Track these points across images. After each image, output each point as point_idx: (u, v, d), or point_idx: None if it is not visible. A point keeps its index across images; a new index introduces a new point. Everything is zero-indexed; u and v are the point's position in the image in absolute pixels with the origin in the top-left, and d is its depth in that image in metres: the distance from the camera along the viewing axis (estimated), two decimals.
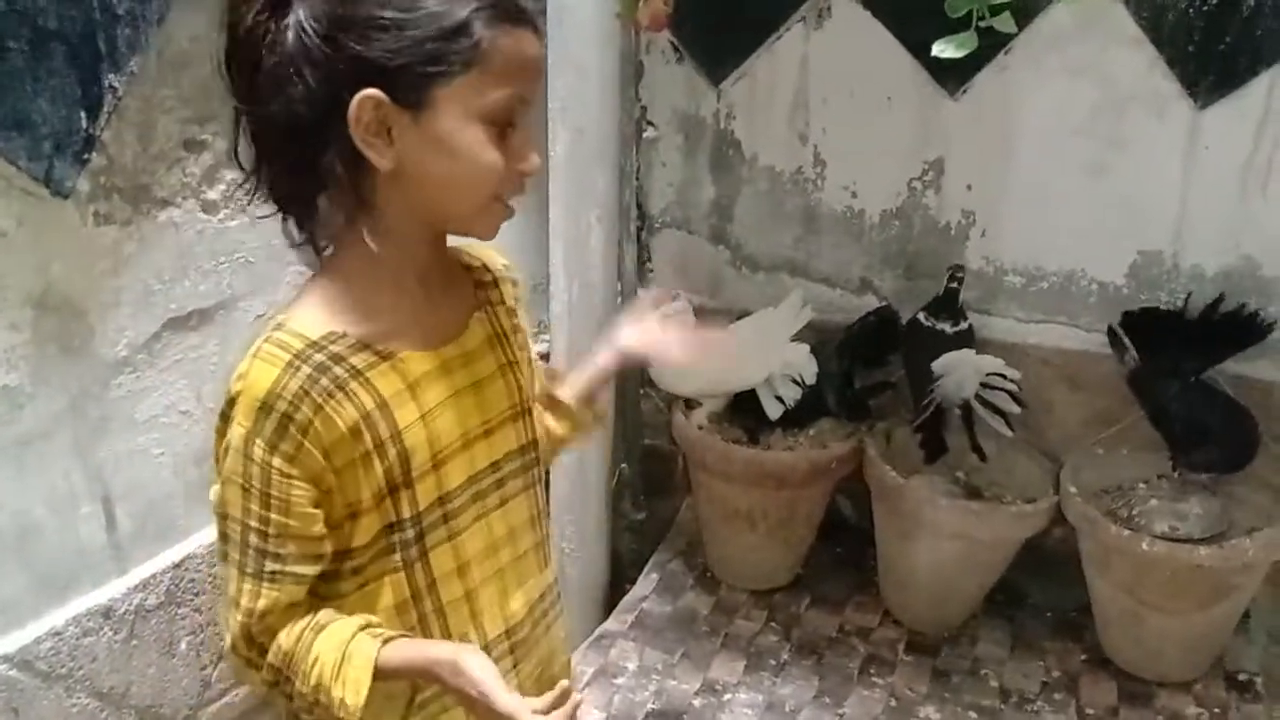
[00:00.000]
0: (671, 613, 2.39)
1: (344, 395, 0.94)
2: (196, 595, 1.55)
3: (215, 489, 0.96)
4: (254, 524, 0.93)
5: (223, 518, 0.95)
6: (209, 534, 1.56)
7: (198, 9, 1.38)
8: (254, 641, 0.97)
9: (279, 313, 0.97)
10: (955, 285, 2.23)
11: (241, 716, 1.66)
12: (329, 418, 0.92)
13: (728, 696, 2.13)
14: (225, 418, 0.94)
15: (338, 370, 0.94)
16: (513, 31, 0.90)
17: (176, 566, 1.51)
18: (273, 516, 0.93)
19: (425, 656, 0.94)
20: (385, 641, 0.94)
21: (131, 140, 1.33)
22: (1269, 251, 2.10)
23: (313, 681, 0.94)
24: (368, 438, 0.95)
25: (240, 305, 1.54)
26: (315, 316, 0.96)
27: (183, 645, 1.54)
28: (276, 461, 0.92)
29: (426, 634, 1.03)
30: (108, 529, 1.42)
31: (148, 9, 1.31)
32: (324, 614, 0.98)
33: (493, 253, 1.13)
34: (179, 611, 1.53)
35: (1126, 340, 2.16)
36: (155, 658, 1.50)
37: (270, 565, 0.94)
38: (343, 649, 0.94)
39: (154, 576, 1.48)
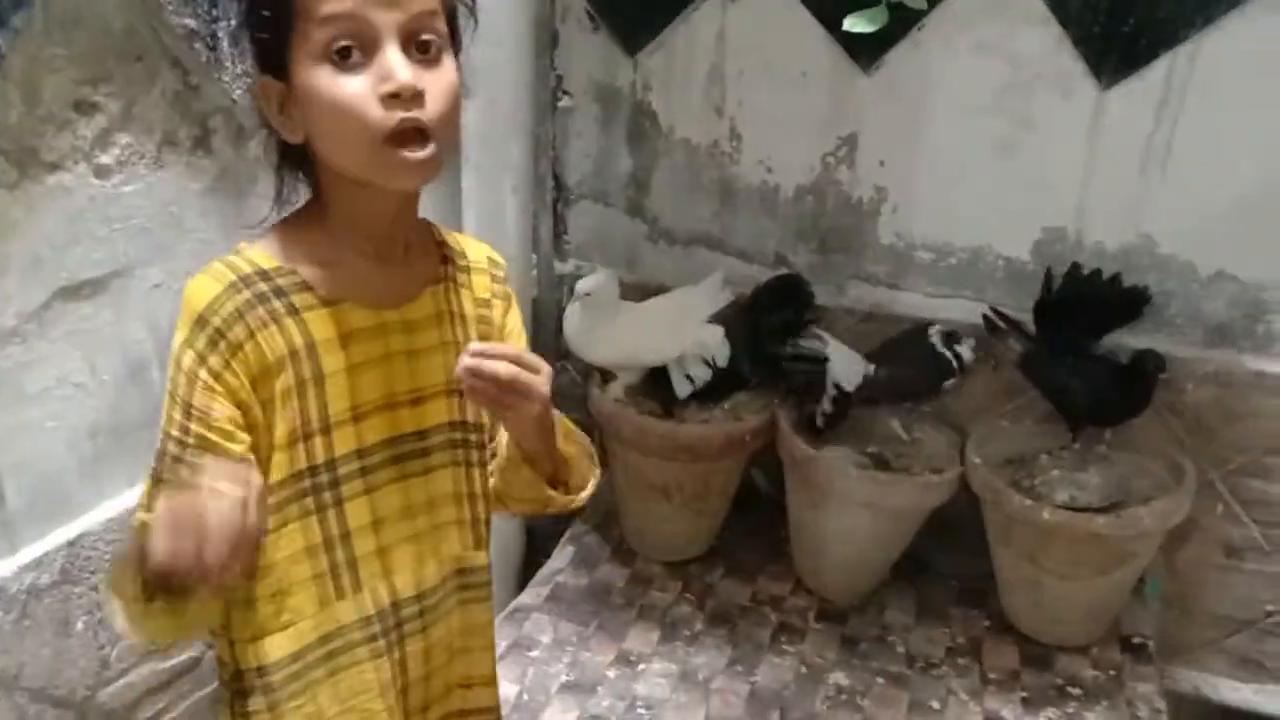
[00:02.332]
0: (587, 585, 2.40)
1: (277, 328, 0.98)
2: (93, 573, 1.50)
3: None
4: (175, 433, 0.97)
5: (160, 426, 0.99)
6: (105, 510, 1.52)
7: None
8: None
9: (244, 240, 1.03)
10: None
11: (143, 696, 1.62)
12: (259, 346, 0.97)
13: (642, 667, 2.14)
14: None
15: (277, 304, 0.98)
16: None
17: (71, 544, 1.46)
18: (193, 427, 0.96)
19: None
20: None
21: (16, 100, 1.27)
22: (1166, 230, 2.16)
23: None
24: (291, 373, 0.98)
25: (136, 273, 1.49)
26: (273, 249, 1.00)
27: (79, 625, 1.49)
28: (203, 374, 0.95)
29: (337, 582, 1.05)
30: None
31: None
32: None
33: (479, 245, 1.16)
34: (75, 590, 1.48)
35: (1004, 325, 2.23)
36: (49, 638, 1.45)
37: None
38: None
39: (47, 555, 1.43)
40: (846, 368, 2.24)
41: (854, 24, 1.56)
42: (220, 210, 1.59)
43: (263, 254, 1.00)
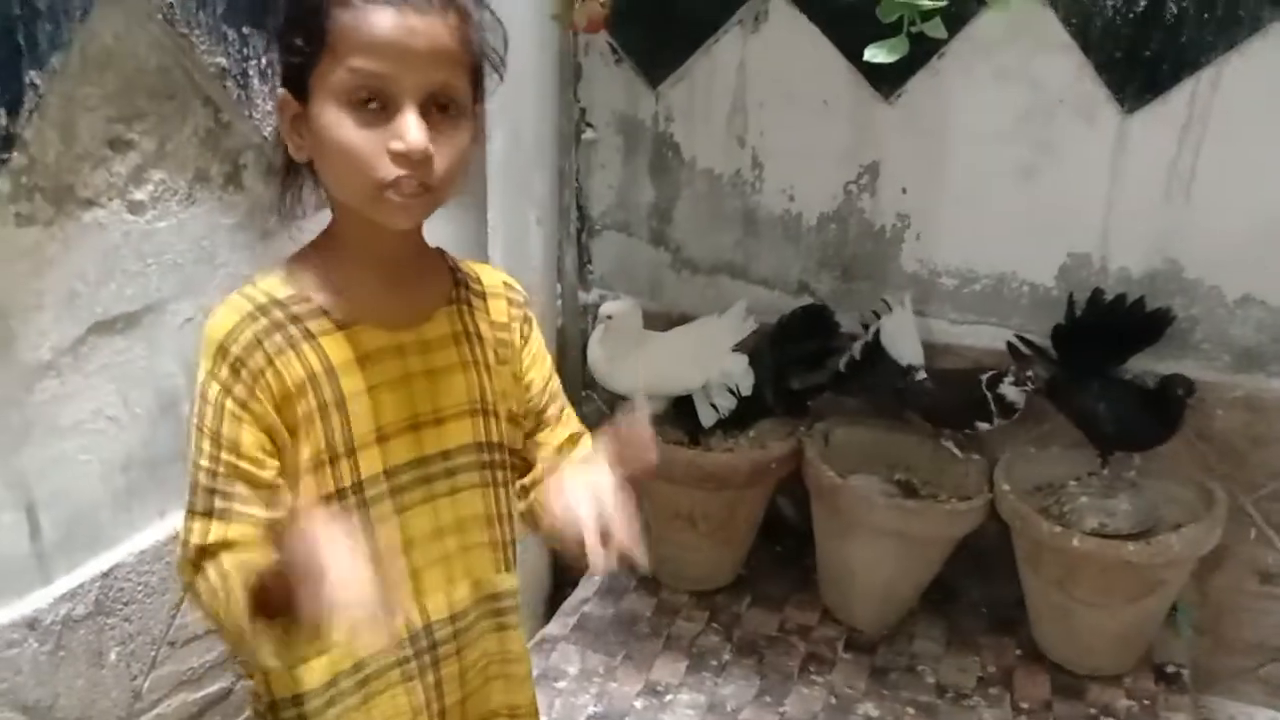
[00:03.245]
0: (613, 615, 2.39)
1: (294, 354, 0.99)
2: (126, 605, 1.52)
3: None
4: (205, 463, 0.97)
5: (187, 459, 0.99)
6: (138, 542, 1.53)
7: (122, 5, 1.35)
8: (198, 569, 0.96)
9: (258, 272, 1.05)
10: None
11: None
12: (278, 372, 0.97)
13: (669, 698, 2.13)
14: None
15: (293, 330, 0.99)
16: (360, 7, 0.91)
17: (105, 575, 1.48)
18: (223, 456, 0.96)
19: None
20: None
21: (54, 139, 1.30)
22: (1191, 254, 2.16)
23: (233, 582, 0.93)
24: (312, 398, 0.99)
25: (169, 308, 1.51)
26: (286, 277, 1.02)
27: (112, 655, 1.50)
28: (229, 404, 0.96)
29: None
30: (32, 538, 1.39)
31: (70, 4, 1.28)
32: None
33: (494, 271, 1.17)
34: (108, 621, 1.49)
35: (1029, 352, 2.23)
36: (83, 669, 1.46)
37: (219, 503, 0.97)
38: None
39: (81, 586, 1.44)
40: (898, 337, 2.25)
41: (874, 54, 1.56)
42: (250, 245, 1.62)
43: (276, 283, 1.02)
